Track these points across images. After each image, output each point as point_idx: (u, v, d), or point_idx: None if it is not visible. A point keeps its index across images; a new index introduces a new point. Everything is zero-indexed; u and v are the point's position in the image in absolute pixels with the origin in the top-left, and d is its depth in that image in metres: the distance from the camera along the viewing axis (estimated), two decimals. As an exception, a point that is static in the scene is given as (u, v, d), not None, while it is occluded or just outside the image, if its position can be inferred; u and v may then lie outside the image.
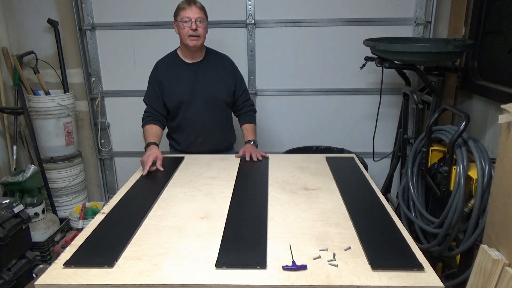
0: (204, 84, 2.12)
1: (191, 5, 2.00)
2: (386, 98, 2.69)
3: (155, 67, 2.17)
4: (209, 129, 2.18)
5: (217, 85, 2.14)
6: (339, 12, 2.62)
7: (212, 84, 2.13)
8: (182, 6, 2.02)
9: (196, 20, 1.99)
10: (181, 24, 2.01)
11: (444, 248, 1.79)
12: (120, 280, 1.09)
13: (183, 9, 2.01)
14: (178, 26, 2.04)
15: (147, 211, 1.49)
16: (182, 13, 2.00)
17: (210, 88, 2.13)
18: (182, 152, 2.22)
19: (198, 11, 2.01)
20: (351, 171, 1.90)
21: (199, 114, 2.14)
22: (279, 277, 1.10)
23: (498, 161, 1.34)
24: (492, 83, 2.12)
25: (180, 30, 2.03)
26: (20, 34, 2.80)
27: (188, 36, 2.00)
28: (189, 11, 1.99)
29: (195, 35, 2.01)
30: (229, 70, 2.19)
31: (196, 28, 1.99)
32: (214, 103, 2.15)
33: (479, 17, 2.23)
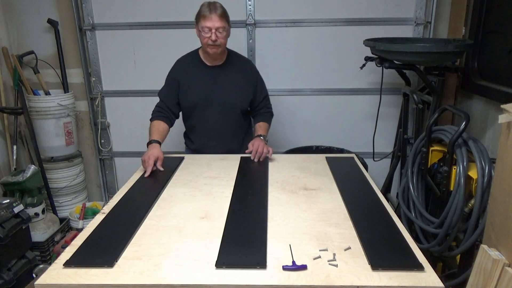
0: (221, 90, 2.09)
1: (211, 13, 1.92)
2: (386, 98, 2.69)
3: (175, 64, 2.16)
4: (222, 134, 2.16)
5: (235, 92, 2.11)
6: (339, 12, 2.62)
7: (229, 90, 2.10)
8: (203, 14, 1.94)
9: (216, 31, 1.93)
10: (201, 32, 1.96)
11: (444, 248, 1.79)
12: (120, 280, 1.09)
13: (203, 18, 1.93)
14: (198, 31, 1.99)
15: (147, 211, 1.49)
16: (202, 22, 1.93)
17: (227, 94, 2.09)
18: (195, 152, 2.23)
19: (218, 20, 1.93)
20: (351, 171, 1.90)
21: (212, 119, 2.12)
22: (279, 277, 1.10)
23: (498, 161, 1.34)
24: (492, 83, 2.12)
25: (200, 36, 1.99)
26: (20, 34, 2.80)
27: (208, 44, 1.96)
28: (209, 21, 1.92)
29: (215, 45, 1.96)
30: (249, 76, 2.16)
31: (215, 39, 1.93)
32: (229, 109, 2.13)
33: (479, 17, 2.23)
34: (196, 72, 2.09)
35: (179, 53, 2.23)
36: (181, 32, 2.70)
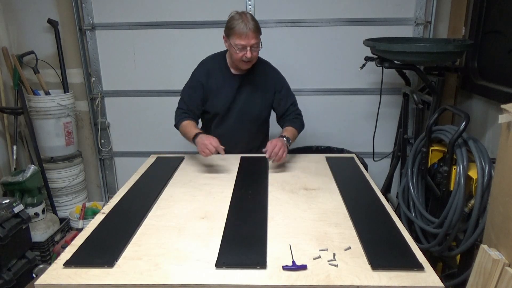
0: (241, 99, 2.05)
1: (247, 30, 1.81)
2: (386, 98, 2.69)
3: (201, 66, 2.08)
4: (237, 141, 2.12)
5: (254, 101, 2.07)
6: (339, 12, 2.62)
7: (249, 99, 2.06)
8: (237, 32, 1.82)
9: (251, 48, 1.85)
10: (233, 48, 1.87)
11: (444, 248, 1.79)
12: (120, 280, 1.09)
13: (238, 35, 1.82)
14: (230, 46, 1.89)
15: (147, 211, 1.49)
16: (236, 39, 1.83)
17: (247, 104, 2.06)
18: None
19: (254, 37, 1.83)
20: (351, 171, 1.90)
21: (229, 127, 2.09)
22: (279, 277, 1.10)
23: (498, 161, 1.34)
24: (492, 83, 2.11)
25: (232, 51, 1.90)
26: (20, 34, 2.80)
27: (241, 61, 1.90)
28: (245, 39, 1.82)
29: (249, 61, 1.91)
30: (271, 84, 2.08)
31: (251, 56, 1.87)
32: (247, 119, 2.09)
33: (479, 17, 2.22)
34: (221, 79, 2.03)
35: (179, 53, 2.23)
36: (181, 32, 2.70)
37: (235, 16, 1.86)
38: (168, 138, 2.87)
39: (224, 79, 2.02)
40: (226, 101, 2.03)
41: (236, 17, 1.85)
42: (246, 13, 1.87)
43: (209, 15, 2.64)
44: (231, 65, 2.02)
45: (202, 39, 2.69)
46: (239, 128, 2.10)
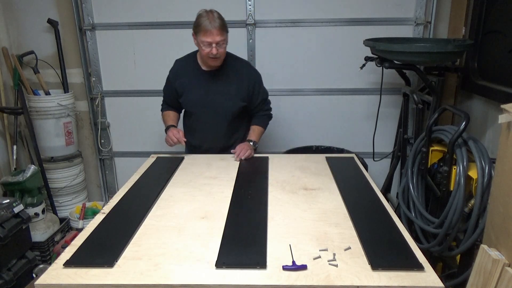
0: (214, 95, 2.08)
1: (212, 27, 1.86)
2: (386, 98, 2.69)
3: (174, 65, 2.18)
4: (216, 137, 2.18)
5: (227, 97, 2.09)
6: (339, 12, 2.62)
7: (222, 95, 2.08)
8: (203, 29, 1.88)
9: (216, 45, 1.90)
10: (200, 44, 1.93)
11: (444, 248, 1.79)
12: (120, 280, 1.10)
13: (203, 32, 1.88)
14: (198, 44, 1.96)
15: (147, 211, 1.49)
16: (202, 36, 1.89)
17: (219, 99, 2.09)
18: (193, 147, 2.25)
19: (218, 34, 1.88)
20: (351, 171, 1.90)
21: (206, 122, 2.14)
22: (279, 277, 1.10)
23: (498, 161, 1.34)
24: (492, 83, 2.11)
25: (199, 48, 1.97)
26: (20, 34, 2.80)
27: (209, 57, 1.94)
28: (210, 35, 1.87)
29: (216, 57, 1.95)
30: (244, 80, 2.10)
31: (216, 53, 1.92)
32: (222, 114, 2.12)
33: (479, 17, 2.22)
34: (192, 76, 2.09)
35: (179, 53, 2.22)
36: (181, 32, 2.70)
37: (202, 14, 1.90)
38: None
39: (195, 77, 2.08)
40: (198, 97, 2.09)
41: (203, 14, 1.90)
42: (213, 11, 1.91)
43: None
44: (201, 63, 2.07)
45: (202, 39, 2.69)
46: (215, 123, 2.14)
